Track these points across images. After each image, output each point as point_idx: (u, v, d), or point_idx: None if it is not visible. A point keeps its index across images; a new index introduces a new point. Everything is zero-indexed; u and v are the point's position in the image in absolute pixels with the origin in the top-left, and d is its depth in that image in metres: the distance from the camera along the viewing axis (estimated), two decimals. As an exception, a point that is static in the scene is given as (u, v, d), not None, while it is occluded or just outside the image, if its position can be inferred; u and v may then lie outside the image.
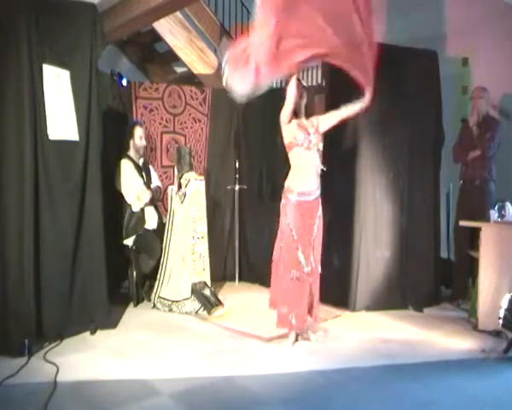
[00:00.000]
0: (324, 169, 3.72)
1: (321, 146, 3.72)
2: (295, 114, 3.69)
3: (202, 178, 4.83)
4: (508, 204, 4.13)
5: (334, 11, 3.26)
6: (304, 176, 3.65)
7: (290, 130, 3.67)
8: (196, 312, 4.47)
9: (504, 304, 3.65)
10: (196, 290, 4.50)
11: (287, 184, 3.69)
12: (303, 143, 3.63)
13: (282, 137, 3.74)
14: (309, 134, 3.65)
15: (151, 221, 4.84)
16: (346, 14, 3.29)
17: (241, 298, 5.11)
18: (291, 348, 3.66)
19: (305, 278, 3.64)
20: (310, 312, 3.77)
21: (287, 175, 3.77)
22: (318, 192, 3.71)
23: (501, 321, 3.64)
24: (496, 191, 4.93)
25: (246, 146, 5.93)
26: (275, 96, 6.15)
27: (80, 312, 3.77)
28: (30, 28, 3.41)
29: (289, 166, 3.75)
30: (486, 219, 4.19)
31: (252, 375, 3.18)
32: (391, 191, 4.69)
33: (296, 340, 3.74)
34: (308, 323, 3.78)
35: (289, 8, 3.15)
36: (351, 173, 4.62)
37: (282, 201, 3.68)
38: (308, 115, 3.76)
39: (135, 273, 4.73)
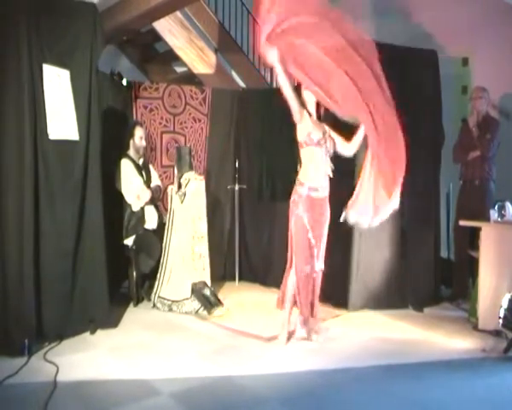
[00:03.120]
0: (331, 175, 3.71)
1: (331, 152, 3.71)
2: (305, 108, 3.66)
3: (202, 177, 4.83)
4: (508, 204, 4.13)
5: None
6: (315, 172, 3.64)
7: (304, 128, 3.63)
8: (196, 311, 4.47)
9: (504, 304, 3.65)
10: (196, 290, 4.51)
11: (298, 178, 3.68)
12: (319, 141, 3.62)
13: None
14: (324, 135, 3.66)
15: (151, 221, 4.84)
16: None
17: (241, 298, 5.11)
18: (285, 346, 3.68)
19: (312, 274, 3.68)
20: (311, 309, 3.78)
21: (289, 176, 3.78)
22: (327, 191, 3.71)
23: (501, 321, 3.64)
24: (496, 191, 4.93)
25: (246, 146, 5.93)
26: (275, 96, 6.17)
27: (80, 311, 3.77)
28: (30, 28, 3.41)
29: (296, 165, 3.75)
30: (486, 218, 4.19)
31: (252, 375, 3.19)
32: (391, 191, 4.69)
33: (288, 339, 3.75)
34: (310, 323, 3.78)
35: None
36: (350, 173, 4.60)
37: (292, 197, 3.65)
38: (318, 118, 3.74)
39: (135, 273, 4.73)
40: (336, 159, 3.76)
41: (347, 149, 3.74)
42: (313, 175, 3.64)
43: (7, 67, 3.39)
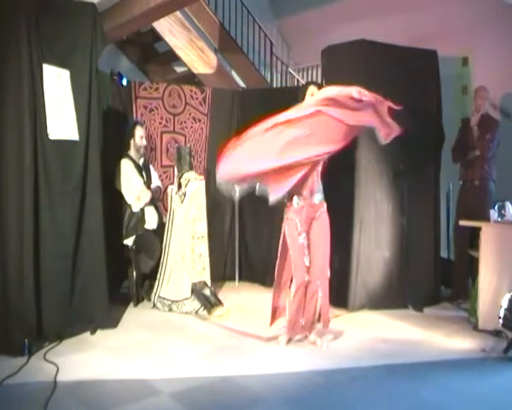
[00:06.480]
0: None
1: None
2: None
3: (202, 177, 4.83)
4: (508, 204, 4.13)
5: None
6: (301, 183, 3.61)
7: None
8: (196, 312, 4.47)
9: (504, 304, 3.65)
10: (196, 290, 4.51)
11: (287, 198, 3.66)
12: None
13: None
14: None
15: (151, 221, 4.84)
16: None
17: (241, 298, 5.11)
18: (285, 346, 3.67)
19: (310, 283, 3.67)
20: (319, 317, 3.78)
21: None
22: (321, 197, 3.69)
23: (501, 321, 3.64)
24: (496, 191, 4.93)
25: (246, 146, 5.92)
26: (275, 96, 6.17)
27: (80, 311, 3.77)
28: (30, 28, 3.40)
29: None
30: (486, 218, 4.19)
31: (252, 375, 3.19)
32: (391, 191, 4.69)
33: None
34: (317, 327, 3.79)
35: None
36: (350, 173, 4.62)
37: (285, 211, 3.66)
38: None
39: (135, 273, 4.73)
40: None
41: None
42: (300, 186, 3.59)
43: (7, 67, 3.39)
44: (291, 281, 3.72)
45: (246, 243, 5.90)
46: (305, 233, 3.62)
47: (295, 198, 3.62)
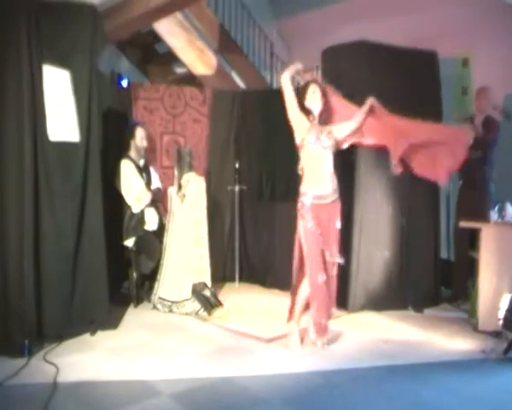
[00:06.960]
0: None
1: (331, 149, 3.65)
2: (306, 113, 3.64)
3: (202, 178, 4.82)
4: (508, 204, 4.13)
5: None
6: (316, 177, 3.58)
7: (300, 134, 3.62)
8: (196, 312, 4.47)
9: (504, 305, 3.65)
10: (196, 291, 4.50)
11: (300, 188, 3.63)
12: (314, 140, 3.57)
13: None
14: (322, 133, 3.60)
15: (151, 222, 4.84)
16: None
17: (241, 299, 5.11)
18: (302, 349, 3.64)
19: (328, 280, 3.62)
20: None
21: (292, 177, 3.74)
22: (336, 195, 3.63)
23: (501, 322, 3.64)
24: (496, 192, 4.92)
25: (246, 147, 5.93)
26: (275, 97, 6.18)
27: (80, 312, 3.77)
28: (30, 29, 3.41)
29: (296, 166, 3.69)
30: (486, 219, 4.18)
31: (252, 375, 3.18)
32: (391, 191, 4.69)
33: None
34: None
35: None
36: (350, 173, 4.61)
37: (298, 208, 3.61)
38: (322, 122, 3.69)
39: (135, 274, 4.73)
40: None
41: (348, 125, 3.71)
42: (315, 181, 3.58)
43: (7, 67, 3.39)
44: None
45: (246, 243, 5.90)
46: (325, 241, 3.58)
47: (310, 195, 3.57)
